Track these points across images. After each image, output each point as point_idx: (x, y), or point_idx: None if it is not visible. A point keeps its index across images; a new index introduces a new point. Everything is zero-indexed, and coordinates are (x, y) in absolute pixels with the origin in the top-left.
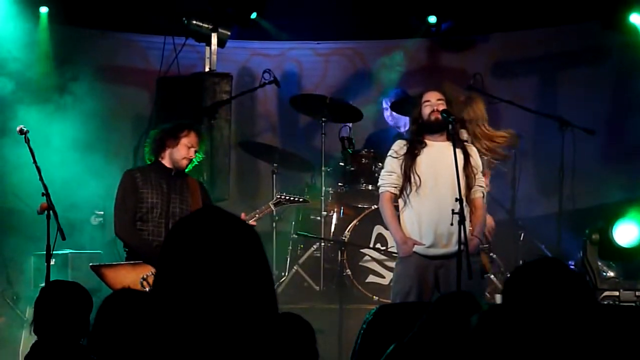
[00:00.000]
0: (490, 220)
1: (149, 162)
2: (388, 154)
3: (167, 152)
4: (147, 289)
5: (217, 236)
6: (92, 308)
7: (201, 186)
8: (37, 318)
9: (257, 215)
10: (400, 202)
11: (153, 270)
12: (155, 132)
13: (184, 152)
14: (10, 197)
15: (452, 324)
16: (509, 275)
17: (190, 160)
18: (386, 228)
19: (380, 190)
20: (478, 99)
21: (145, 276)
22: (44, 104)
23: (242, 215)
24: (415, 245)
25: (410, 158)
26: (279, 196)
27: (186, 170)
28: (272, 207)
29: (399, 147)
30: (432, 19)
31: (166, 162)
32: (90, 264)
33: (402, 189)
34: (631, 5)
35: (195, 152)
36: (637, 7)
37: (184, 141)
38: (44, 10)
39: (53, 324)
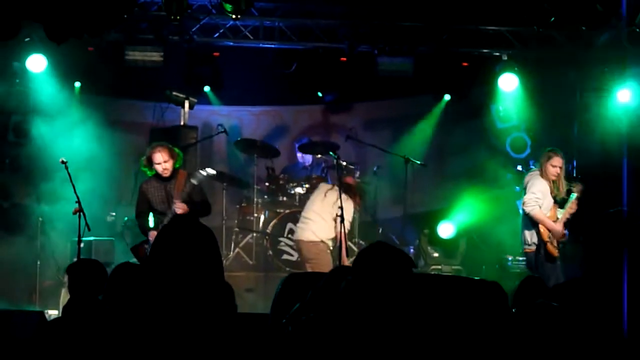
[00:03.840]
0: (560, 228)
1: (150, 175)
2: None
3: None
4: None
5: (187, 235)
6: (106, 276)
7: (187, 175)
8: (70, 282)
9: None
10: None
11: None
12: (140, 162)
13: (159, 170)
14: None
15: (335, 288)
16: (358, 253)
17: (168, 170)
18: None
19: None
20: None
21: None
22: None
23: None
24: None
25: None
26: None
27: (176, 166)
28: (194, 182)
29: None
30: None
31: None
32: (132, 247)
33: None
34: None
35: (173, 163)
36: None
37: (155, 161)
38: (77, 84)
39: (80, 286)
